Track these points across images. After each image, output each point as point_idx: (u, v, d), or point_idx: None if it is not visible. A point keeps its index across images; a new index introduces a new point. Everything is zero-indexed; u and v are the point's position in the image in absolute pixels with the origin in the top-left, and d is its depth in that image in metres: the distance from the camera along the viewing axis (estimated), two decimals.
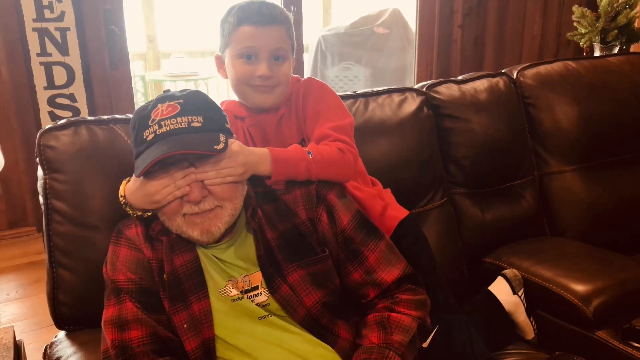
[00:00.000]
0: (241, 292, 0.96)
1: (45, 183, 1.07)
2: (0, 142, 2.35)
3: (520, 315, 1.31)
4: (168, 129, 0.90)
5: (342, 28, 4.06)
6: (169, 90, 0.98)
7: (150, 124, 0.92)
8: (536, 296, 1.32)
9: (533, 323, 1.33)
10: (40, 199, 1.09)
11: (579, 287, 1.25)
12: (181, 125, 0.91)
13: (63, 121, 1.12)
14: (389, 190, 1.27)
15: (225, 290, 0.96)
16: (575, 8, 2.33)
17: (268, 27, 1.07)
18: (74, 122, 1.12)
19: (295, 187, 1.02)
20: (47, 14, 2.35)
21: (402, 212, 1.21)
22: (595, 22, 2.25)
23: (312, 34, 4.10)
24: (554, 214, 1.61)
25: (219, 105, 1.02)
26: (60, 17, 2.37)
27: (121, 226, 1.00)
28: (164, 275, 0.95)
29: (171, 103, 0.93)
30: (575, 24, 2.37)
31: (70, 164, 1.08)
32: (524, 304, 1.32)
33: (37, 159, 1.09)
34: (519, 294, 1.33)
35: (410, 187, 1.38)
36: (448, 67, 3.34)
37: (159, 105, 0.93)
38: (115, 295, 0.93)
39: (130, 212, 0.98)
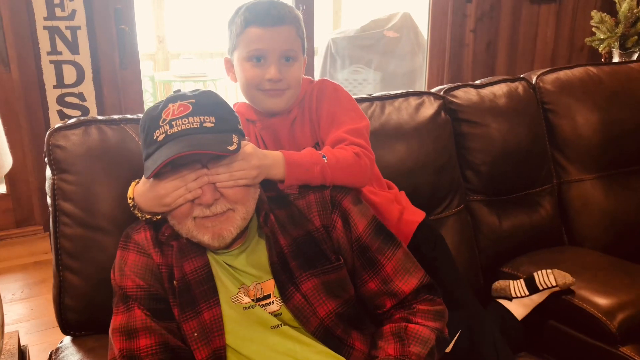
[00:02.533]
0: (253, 300, 0.92)
1: (53, 184, 1.04)
2: (8, 140, 2.33)
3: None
4: (180, 129, 0.88)
5: (352, 31, 4.04)
6: (180, 90, 0.95)
7: (161, 124, 0.89)
8: (556, 309, 1.28)
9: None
10: (48, 200, 1.06)
11: (602, 301, 1.21)
12: (193, 125, 0.88)
13: (73, 120, 1.09)
14: (403, 192, 1.24)
15: (237, 297, 0.92)
16: (594, 13, 2.29)
17: (277, 27, 1.03)
18: (84, 121, 1.09)
19: (309, 192, 0.98)
20: (58, 12, 2.34)
21: (419, 215, 1.18)
22: (614, 27, 2.21)
23: (322, 36, 4.08)
24: (572, 223, 1.57)
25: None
26: (71, 16, 2.36)
27: (130, 230, 0.96)
28: (174, 282, 0.91)
29: (183, 103, 0.90)
30: (593, 29, 2.33)
31: (80, 165, 1.04)
32: (519, 294, 1.28)
33: (46, 158, 1.06)
34: (514, 295, 1.29)
35: (426, 193, 1.35)
36: (459, 71, 3.30)
37: (170, 105, 0.90)
38: (124, 302, 0.90)
39: (139, 215, 0.94)
